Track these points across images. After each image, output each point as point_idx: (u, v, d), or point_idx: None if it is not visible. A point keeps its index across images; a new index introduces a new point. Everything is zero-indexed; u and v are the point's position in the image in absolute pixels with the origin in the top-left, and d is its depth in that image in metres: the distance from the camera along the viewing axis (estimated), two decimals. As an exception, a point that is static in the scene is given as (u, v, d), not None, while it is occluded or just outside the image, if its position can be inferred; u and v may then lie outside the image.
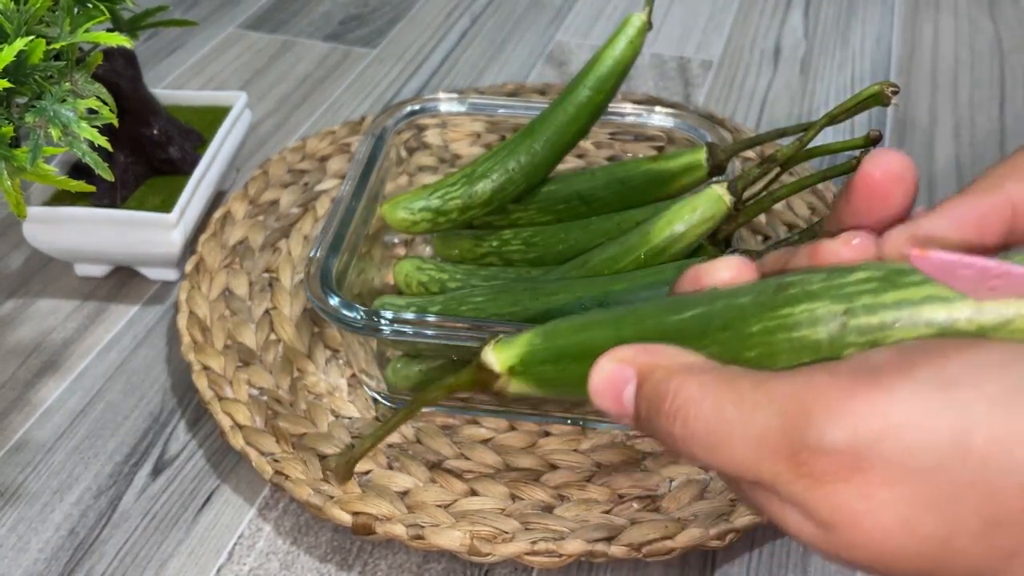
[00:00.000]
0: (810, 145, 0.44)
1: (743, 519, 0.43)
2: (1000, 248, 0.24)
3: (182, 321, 0.52)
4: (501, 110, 0.56)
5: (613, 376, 0.24)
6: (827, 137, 0.68)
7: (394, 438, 0.48)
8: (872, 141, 0.42)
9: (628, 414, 0.25)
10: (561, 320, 0.27)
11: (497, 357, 0.28)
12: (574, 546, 0.42)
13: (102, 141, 0.43)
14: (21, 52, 0.40)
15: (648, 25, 0.48)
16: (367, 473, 0.46)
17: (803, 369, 0.21)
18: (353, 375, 0.51)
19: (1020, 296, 0.20)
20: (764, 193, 0.45)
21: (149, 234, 0.55)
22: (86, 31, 0.44)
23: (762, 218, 0.60)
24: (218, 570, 0.44)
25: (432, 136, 0.62)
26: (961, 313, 0.20)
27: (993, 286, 0.20)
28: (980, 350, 0.19)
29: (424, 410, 0.49)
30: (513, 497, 0.45)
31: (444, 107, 0.56)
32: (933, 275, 0.21)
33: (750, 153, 0.63)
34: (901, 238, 0.23)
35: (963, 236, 0.23)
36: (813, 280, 0.22)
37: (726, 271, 0.25)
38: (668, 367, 0.23)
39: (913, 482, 0.19)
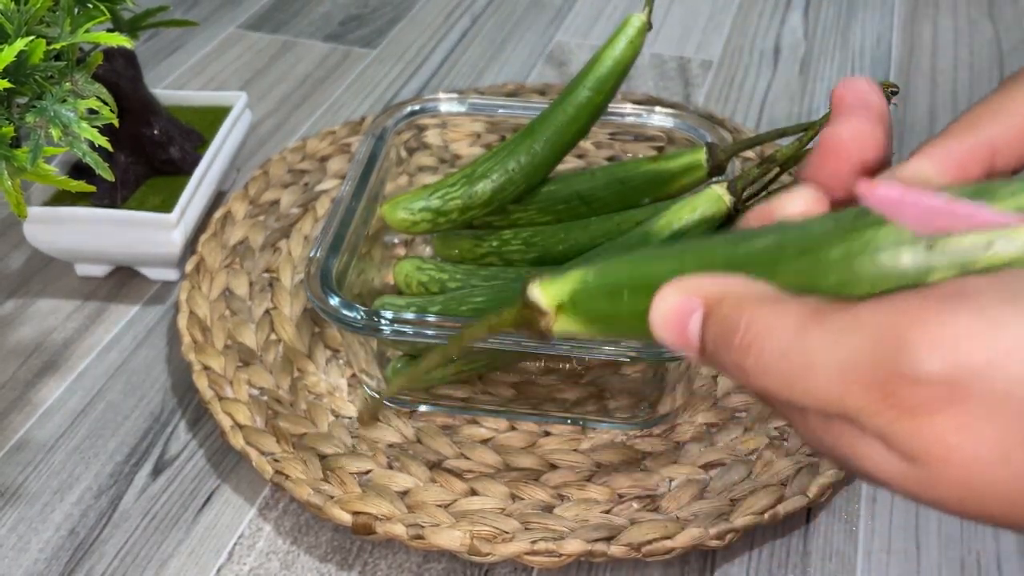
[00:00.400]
0: (810, 145, 0.44)
1: (743, 519, 0.43)
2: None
3: (182, 321, 0.52)
4: (501, 110, 0.56)
5: (678, 306, 0.23)
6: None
7: (394, 438, 0.48)
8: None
9: (694, 347, 0.23)
10: (615, 255, 0.25)
11: (544, 293, 0.26)
12: (574, 546, 0.42)
13: (102, 141, 0.43)
14: (22, 52, 0.40)
15: (648, 25, 0.48)
16: (367, 473, 0.46)
17: (893, 295, 0.20)
18: (353, 375, 0.51)
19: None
20: (764, 193, 0.45)
21: (149, 234, 0.55)
22: (86, 31, 0.44)
23: (762, 218, 0.60)
24: (218, 570, 0.44)
25: (432, 136, 0.62)
26: None
27: (939, 224, 0.20)
28: None
29: (424, 409, 0.49)
30: (513, 497, 0.45)
31: (444, 107, 0.56)
32: (881, 211, 0.20)
33: (750, 153, 0.63)
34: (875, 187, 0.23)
35: (944, 179, 0.23)
36: None
37: (800, 202, 0.24)
38: (739, 296, 0.22)
39: (1012, 416, 0.18)
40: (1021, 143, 0.22)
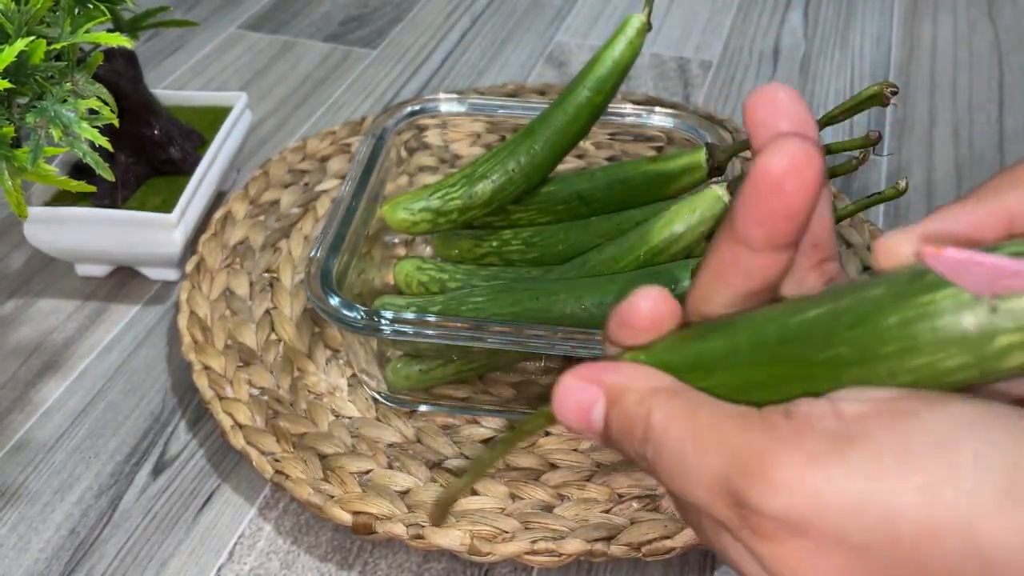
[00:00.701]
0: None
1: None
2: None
3: (183, 321, 0.52)
4: (501, 110, 0.56)
5: (580, 396, 0.24)
6: (826, 137, 0.68)
7: (394, 437, 0.48)
8: (871, 142, 0.42)
9: (597, 433, 0.24)
10: (666, 334, 0.25)
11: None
12: (574, 546, 0.42)
13: (103, 141, 0.43)
14: (22, 52, 0.41)
15: (647, 26, 0.48)
16: (367, 473, 0.46)
17: (753, 419, 0.21)
18: (353, 375, 0.51)
19: None
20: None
21: (150, 234, 0.55)
22: (87, 31, 0.44)
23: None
24: (219, 569, 0.44)
25: (432, 136, 0.62)
26: None
27: (1007, 285, 0.19)
28: (916, 430, 0.19)
29: (424, 409, 0.49)
30: (513, 496, 0.45)
31: (444, 107, 0.56)
32: (945, 274, 0.20)
33: (750, 153, 0.63)
34: (904, 241, 0.23)
35: (957, 244, 0.23)
36: None
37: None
38: (638, 390, 0.23)
39: (849, 553, 0.19)
40: None
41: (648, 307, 0.24)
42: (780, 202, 0.21)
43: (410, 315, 0.45)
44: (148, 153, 0.58)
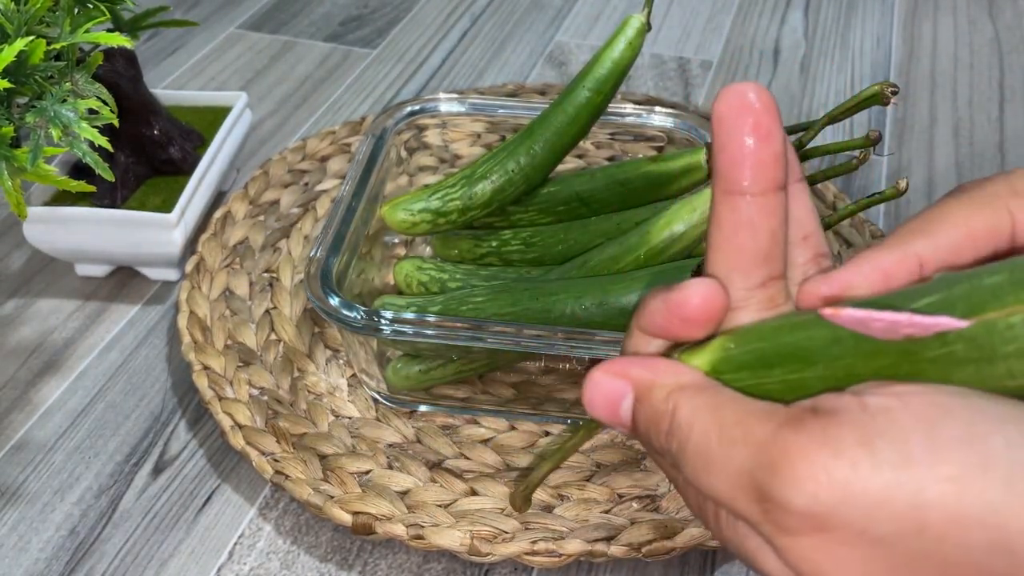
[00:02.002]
0: (810, 145, 0.44)
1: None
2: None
3: (182, 321, 0.52)
4: (501, 110, 0.56)
5: (608, 390, 0.25)
6: (827, 137, 0.68)
7: (394, 438, 0.48)
8: (872, 142, 0.42)
9: (625, 426, 0.25)
10: (757, 322, 0.25)
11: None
12: (574, 546, 0.42)
13: (102, 141, 0.43)
14: (22, 52, 0.41)
15: (647, 26, 0.48)
16: (367, 473, 0.46)
17: (778, 413, 0.21)
18: (353, 375, 0.51)
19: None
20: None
21: (150, 234, 0.55)
22: (86, 31, 0.44)
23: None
24: (218, 570, 0.44)
25: (432, 136, 0.62)
26: None
27: (907, 333, 0.20)
28: (945, 422, 0.19)
29: (424, 409, 0.49)
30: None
31: (444, 107, 0.56)
32: (850, 328, 0.21)
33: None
34: (815, 293, 0.24)
35: (872, 289, 0.24)
36: None
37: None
38: (665, 386, 0.24)
39: (873, 546, 0.20)
40: (945, 258, 0.24)
41: (704, 297, 0.24)
42: (747, 125, 0.23)
43: (410, 315, 0.45)
44: (148, 153, 0.58)
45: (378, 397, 0.50)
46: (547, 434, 0.48)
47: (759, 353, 0.24)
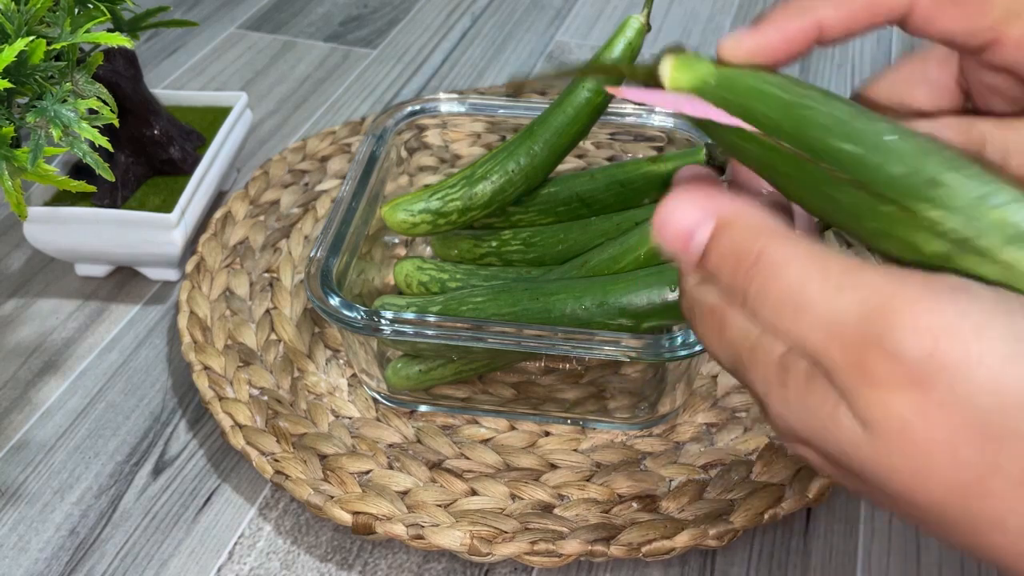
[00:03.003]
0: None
1: (743, 519, 0.43)
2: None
3: (183, 321, 0.52)
4: (501, 110, 0.56)
5: (688, 217, 0.24)
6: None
7: (394, 438, 0.48)
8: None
9: (693, 258, 0.24)
10: (753, 72, 0.25)
11: (673, 77, 0.25)
12: (574, 546, 0.42)
13: (103, 141, 0.43)
14: (22, 52, 0.41)
15: (646, 27, 0.48)
16: (367, 473, 0.46)
17: (900, 269, 0.21)
18: (353, 375, 0.51)
19: None
20: (764, 193, 0.45)
21: (150, 234, 0.55)
22: (87, 31, 0.44)
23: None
24: (219, 570, 0.44)
25: (432, 136, 0.62)
26: None
27: (675, 110, 0.24)
28: None
29: (424, 409, 0.49)
30: (513, 497, 0.45)
31: (444, 107, 0.56)
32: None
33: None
34: (737, 48, 0.26)
35: (775, 57, 0.25)
36: None
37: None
38: (754, 225, 0.23)
39: (971, 414, 0.19)
40: (846, 25, 0.25)
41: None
42: None
43: (410, 315, 0.45)
44: (148, 153, 0.58)
45: (378, 397, 0.50)
46: (547, 434, 0.48)
47: (752, 88, 0.24)
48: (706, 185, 0.25)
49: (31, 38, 0.41)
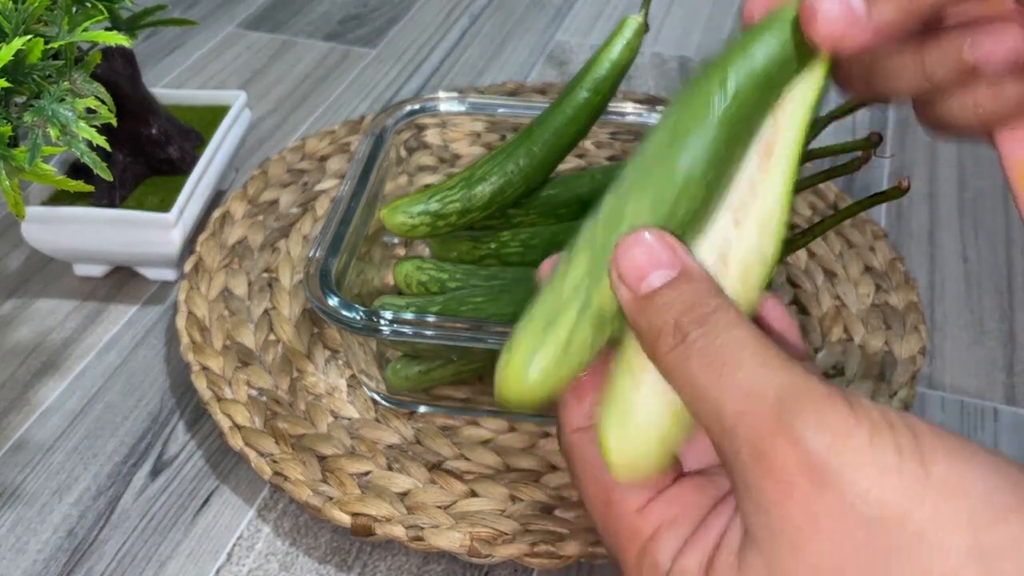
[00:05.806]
0: (811, 146, 0.44)
1: (743, 520, 0.43)
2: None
3: (181, 321, 0.52)
4: (501, 110, 0.56)
5: (656, 256, 0.24)
6: (828, 138, 0.68)
7: (394, 439, 0.48)
8: (872, 144, 0.42)
9: (635, 292, 0.24)
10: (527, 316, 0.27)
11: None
12: (573, 547, 0.42)
13: (101, 140, 0.43)
14: (19, 51, 0.40)
15: (644, 27, 0.48)
16: (367, 474, 0.46)
17: (818, 375, 0.22)
18: (353, 375, 0.51)
19: None
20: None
21: (148, 234, 0.55)
22: (85, 30, 0.43)
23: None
24: (217, 571, 0.44)
25: (432, 136, 0.62)
26: None
27: None
28: (968, 460, 0.21)
29: (423, 410, 0.49)
30: (513, 498, 0.45)
31: (444, 107, 0.56)
32: None
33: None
34: None
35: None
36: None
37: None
38: (716, 289, 0.24)
39: (852, 521, 0.20)
40: None
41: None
42: None
43: (409, 315, 0.44)
44: (146, 152, 0.58)
45: (377, 398, 0.49)
46: (547, 435, 0.48)
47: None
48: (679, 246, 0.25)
49: (28, 37, 0.41)
